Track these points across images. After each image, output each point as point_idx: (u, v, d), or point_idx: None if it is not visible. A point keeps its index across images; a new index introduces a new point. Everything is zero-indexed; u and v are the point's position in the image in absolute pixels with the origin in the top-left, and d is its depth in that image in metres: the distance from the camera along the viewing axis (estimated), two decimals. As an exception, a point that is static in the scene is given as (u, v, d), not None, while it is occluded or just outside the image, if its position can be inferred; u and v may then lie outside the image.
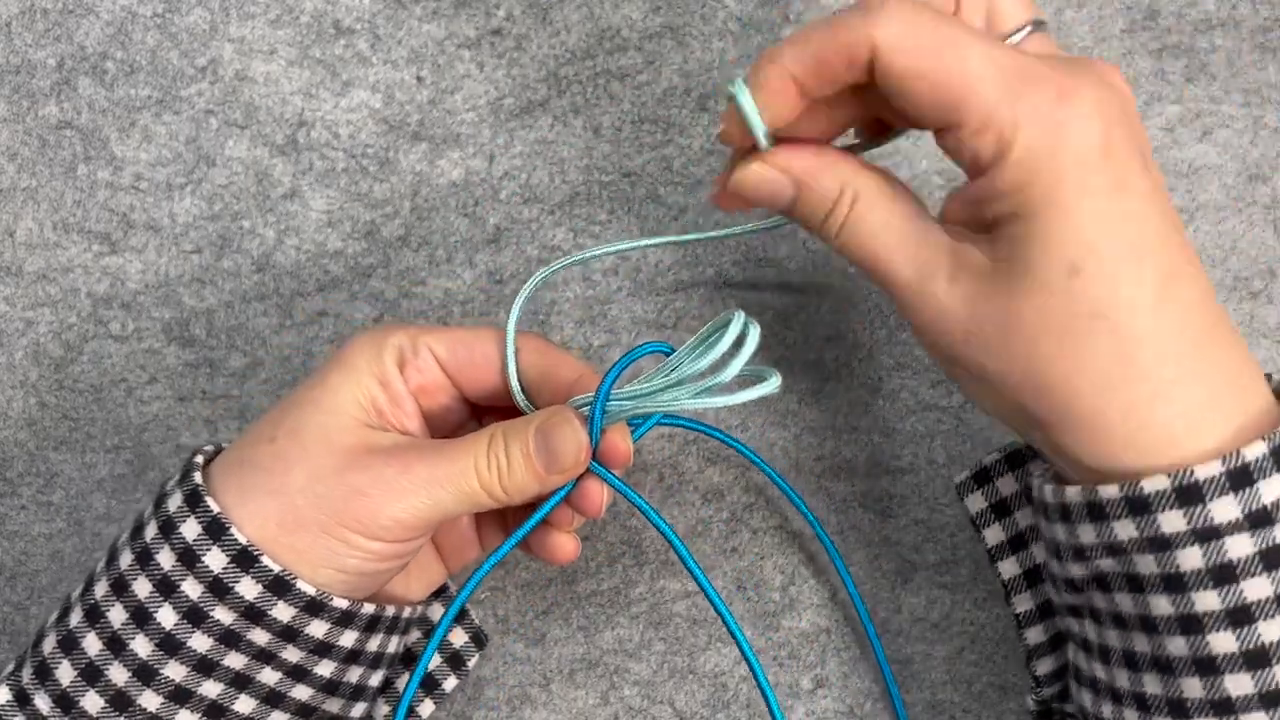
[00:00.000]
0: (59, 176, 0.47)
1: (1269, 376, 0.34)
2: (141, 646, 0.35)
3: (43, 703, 0.35)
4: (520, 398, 0.38)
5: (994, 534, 0.39)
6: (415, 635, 0.42)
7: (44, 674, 0.35)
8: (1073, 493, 0.33)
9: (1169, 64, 0.46)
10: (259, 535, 0.35)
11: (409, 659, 0.42)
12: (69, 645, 0.35)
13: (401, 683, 0.41)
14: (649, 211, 0.46)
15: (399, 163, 0.47)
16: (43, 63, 0.47)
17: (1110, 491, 0.31)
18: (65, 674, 0.35)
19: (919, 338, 0.34)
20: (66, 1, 0.48)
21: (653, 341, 0.38)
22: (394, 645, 0.40)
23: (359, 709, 0.40)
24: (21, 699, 0.35)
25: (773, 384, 0.35)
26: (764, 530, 0.46)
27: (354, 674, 0.38)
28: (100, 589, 0.36)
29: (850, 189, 0.34)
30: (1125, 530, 0.31)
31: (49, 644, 0.36)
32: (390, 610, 0.38)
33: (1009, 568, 0.39)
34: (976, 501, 0.39)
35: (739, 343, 0.35)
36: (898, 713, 0.44)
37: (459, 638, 0.42)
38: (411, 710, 0.41)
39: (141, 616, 0.35)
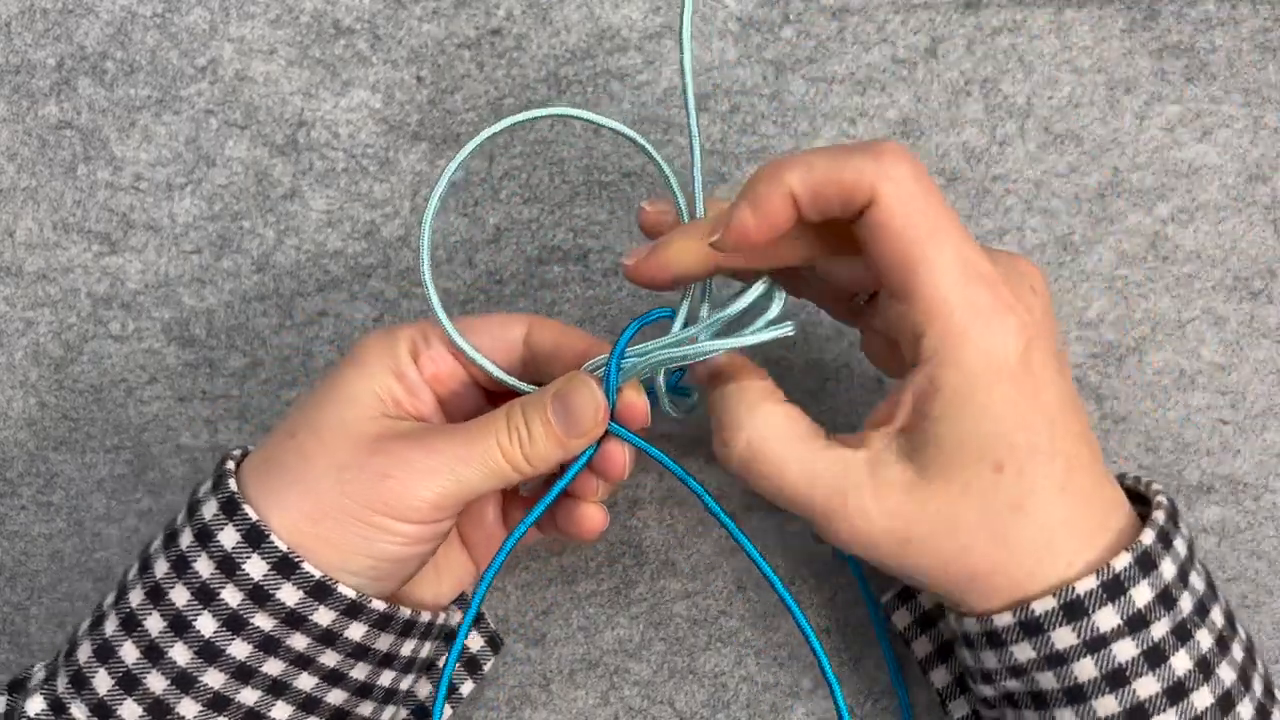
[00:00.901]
0: (59, 176, 0.47)
1: (1125, 477, 0.38)
2: (180, 654, 0.35)
3: (79, 712, 0.35)
4: (474, 353, 0.38)
5: (922, 646, 0.41)
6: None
7: (80, 683, 0.35)
8: (970, 624, 0.35)
9: (1169, 64, 0.46)
10: (290, 532, 0.35)
11: (430, 667, 0.42)
12: (105, 654, 0.35)
13: (419, 688, 0.41)
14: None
15: (399, 163, 0.47)
16: (43, 63, 0.47)
17: (1005, 619, 0.34)
18: (102, 683, 0.35)
19: (843, 548, 0.35)
20: (66, 1, 0.48)
21: (667, 307, 0.38)
22: (426, 650, 0.40)
23: (388, 712, 0.40)
24: (57, 708, 0.35)
25: (786, 327, 0.36)
26: (764, 530, 0.46)
27: (386, 677, 0.38)
28: (135, 597, 0.35)
29: (744, 433, 0.35)
30: (1023, 652, 0.34)
31: (84, 652, 0.35)
32: (426, 616, 0.38)
33: (940, 676, 0.41)
34: (903, 617, 0.41)
35: (764, 310, 0.36)
36: (904, 712, 0.44)
37: (475, 641, 0.42)
38: (428, 714, 0.41)
39: (180, 625, 0.35)
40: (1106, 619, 0.33)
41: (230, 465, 0.37)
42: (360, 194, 0.47)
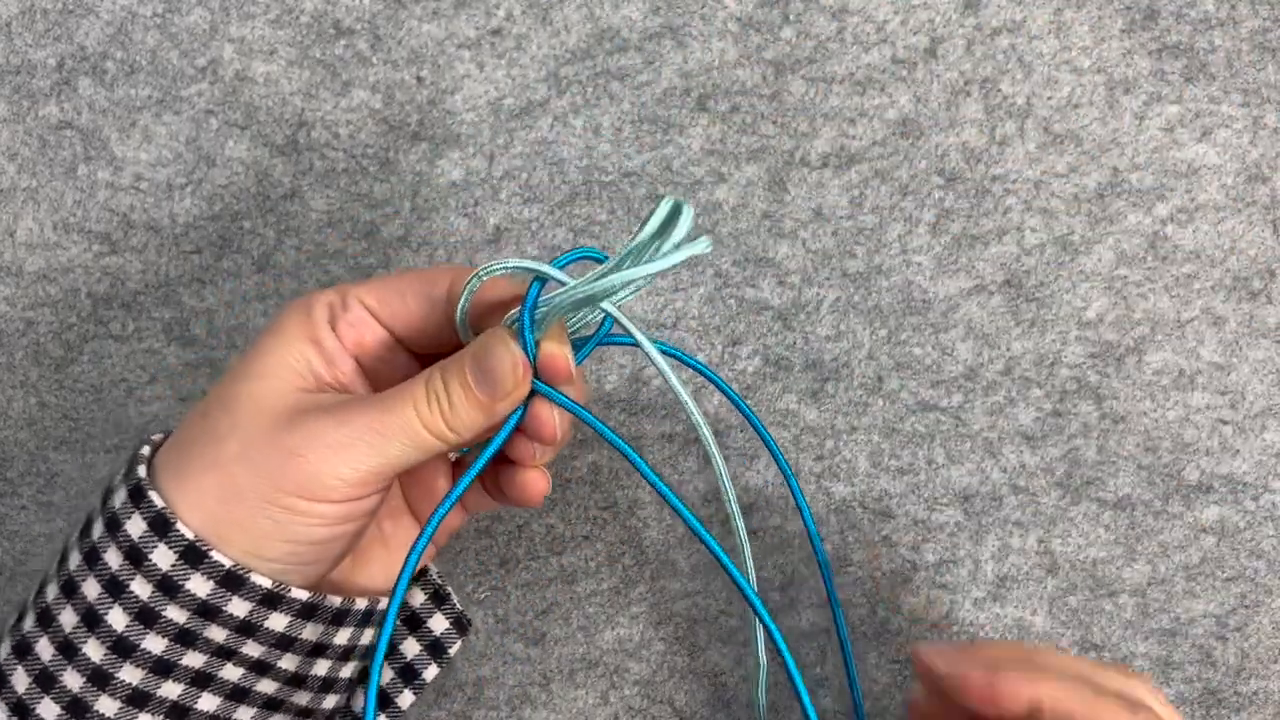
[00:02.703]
0: (59, 176, 0.47)
1: None
2: (94, 651, 0.33)
3: None
4: (465, 331, 0.36)
5: None
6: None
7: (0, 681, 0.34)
8: None
9: (1169, 64, 0.46)
10: (201, 517, 0.33)
11: (392, 652, 0.41)
12: (23, 651, 0.34)
13: (382, 674, 0.40)
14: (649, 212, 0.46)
15: (399, 163, 0.47)
16: (43, 63, 0.48)
17: None
18: (20, 681, 0.34)
19: None
20: (66, 1, 0.48)
21: (587, 247, 0.35)
22: (366, 637, 0.38)
23: (331, 700, 0.38)
24: None
25: (700, 243, 0.33)
26: (764, 530, 0.46)
27: (321, 667, 0.37)
28: (51, 592, 0.34)
29: None
30: None
31: (3, 651, 0.35)
32: (361, 604, 0.37)
33: None
34: None
35: (675, 231, 0.33)
36: (857, 710, 0.44)
37: (439, 624, 0.41)
38: (390, 701, 0.41)
39: (92, 619, 0.33)
40: None
41: (145, 450, 0.35)
42: (360, 194, 0.47)
